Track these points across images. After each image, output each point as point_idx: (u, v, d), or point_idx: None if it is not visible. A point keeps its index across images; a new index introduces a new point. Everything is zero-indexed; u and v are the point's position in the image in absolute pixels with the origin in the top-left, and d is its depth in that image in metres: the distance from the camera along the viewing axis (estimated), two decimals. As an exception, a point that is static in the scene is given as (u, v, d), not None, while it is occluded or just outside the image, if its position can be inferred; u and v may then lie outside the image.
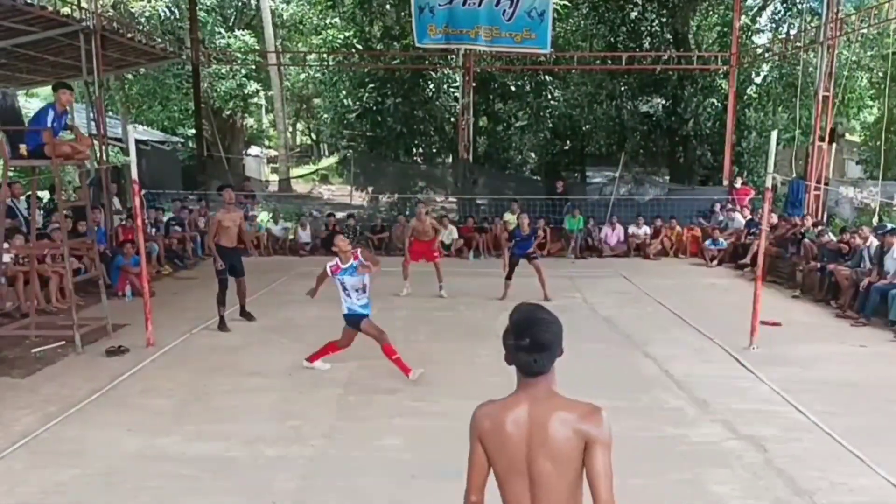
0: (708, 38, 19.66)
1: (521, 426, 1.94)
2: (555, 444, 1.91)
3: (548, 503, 1.95)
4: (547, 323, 2.00)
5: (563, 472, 1.93)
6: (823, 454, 4.68)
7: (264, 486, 4.18)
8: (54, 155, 6.81)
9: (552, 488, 1.94)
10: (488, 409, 2.02)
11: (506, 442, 1.96)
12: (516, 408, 1.96)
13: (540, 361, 1.95)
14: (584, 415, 1.95)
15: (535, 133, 19.81)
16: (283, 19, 26.05)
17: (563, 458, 1.92)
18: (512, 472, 1.97)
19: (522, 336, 1.94)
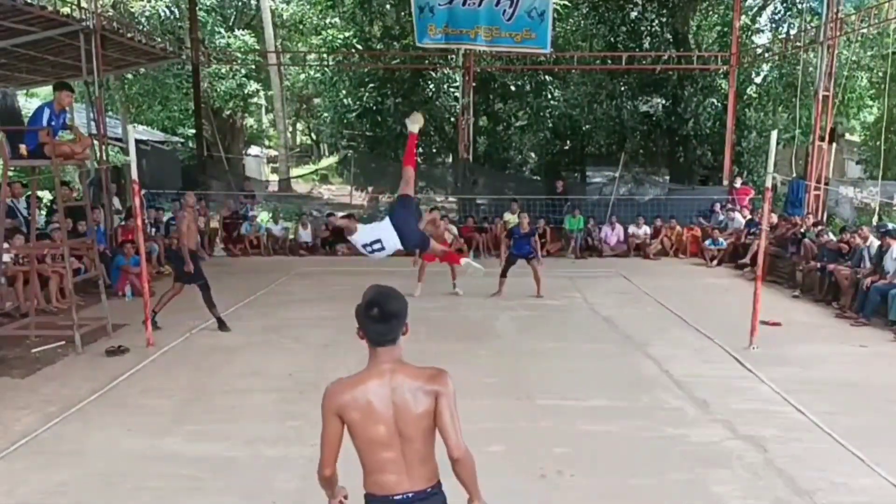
0: (708, 38, 19.66)
1: (384, 396, 2.21)
2: (415, 406, 2.21)
3: (412, 461, 2.25)
4: (394, 297, 2.29)
5: (422, 430, 2.24)
6: (823, 454, 4.68)
7: (264, 486, 4.18)
8: (54, 155, 6.81)
9: (415, 446, 2.24)
10: (344, 386, 2.25)
11: (370, 412, 2.20)
12: (376, 379, 2.23)
13: (389, 330, 2.25)
14: (433, 377, 2.27)
15: (535, 133, 19.81)
16: (283, 19, 26.03)
17: (422, 417, 2.22)
18: (377, 440, 2.22)
19: (372, 308, 2.23)
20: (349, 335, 7.32)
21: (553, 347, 7.30)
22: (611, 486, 4.24)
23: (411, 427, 2.23)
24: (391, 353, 2.29)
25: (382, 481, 2.28)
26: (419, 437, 2.25)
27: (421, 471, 2.29)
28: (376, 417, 2.21)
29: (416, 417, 2.23)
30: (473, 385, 6.05)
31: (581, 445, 4.80)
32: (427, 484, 2.31)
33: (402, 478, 2.27)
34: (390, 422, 2.22)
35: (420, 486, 2.29)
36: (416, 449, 2.26)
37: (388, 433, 2.23)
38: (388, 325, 2.26)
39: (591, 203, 15.33)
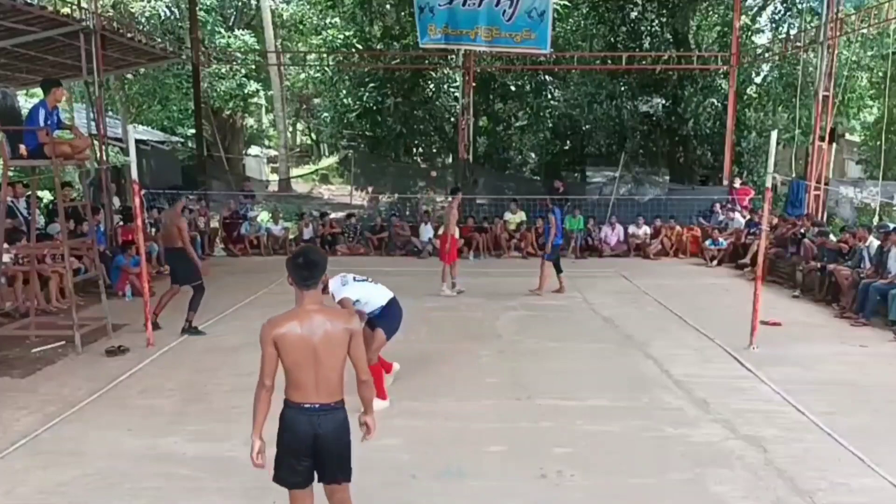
0: (708, 38, 19.65)
1: (309, 328, 2.88)
2: (333, 338, 2.90)
3: (327, 380, 2.93)
4: (315, 251, 3.06)
5: (337, 357, 2.94)
6: (824, 454, 4.68)
7: (264, 486, 4.16)
8: (54, 155, 6.81)
9: (326, 371, 2.92)
10: (278, 320, 2.90)
11: (297, 341, 2.86)
12: (304, 317, 2.90)
13: (311, 276, 2.92)
14: (347, 318, 3.04)
15: (535, 133, 19.80)
16: (283, 19, 26.03)
17: (337, 348, 2.93)
18: (300, 363, 2.89)
19: (298, 257, 2.94)
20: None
21: (553, 347, 7.30)
22: (611, 486, 4.24)
23: (326, 355, 2.89)
24: (315, 297, 2.95)
25: (298, 393, 2.94)
26: (331, 363, 2.92)
27: (328, 389, 2.94)
28: (300, 345, 2.86)
29: (331, 348, 2.90)
30: (473, 385, 6.06)
31: (581, 445, 4.80)
32: (331, 399, 2.96)
33: (312, 392, 2.93)
34: (310, 350, 2.87)
35: (325, 401, 2.95)
36: (327, 373, 2.92)
37: (307, 358, 2.88)
38: (310, 271, 2.92)
39: (591, 203, 15.32)
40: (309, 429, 2.94)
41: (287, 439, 2.99)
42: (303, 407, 2.94)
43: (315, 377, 2.92)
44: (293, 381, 2.94)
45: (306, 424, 2.94)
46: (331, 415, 2.96)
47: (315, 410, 2.94)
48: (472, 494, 4.13)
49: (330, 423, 2.96)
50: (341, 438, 3.02)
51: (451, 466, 4.44)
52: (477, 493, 4.14)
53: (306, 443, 2.95)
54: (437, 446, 4.77)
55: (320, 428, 2.94)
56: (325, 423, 2.95)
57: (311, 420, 2.94)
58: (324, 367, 2.91)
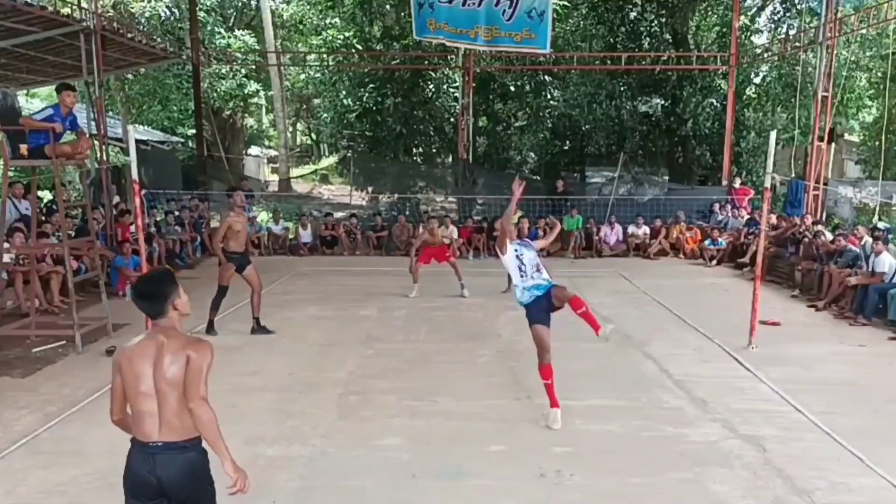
0: (707, 39, 19.67)
1: (148, 358, 2.61)
2: (171, 368, 2.58)
3: (168, 413, 2.58)
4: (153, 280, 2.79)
5: (177, 388, 2.58)
6: (823, 454, 4.69)
7: (264, 486, 4.18)
8: (54, 155, 6.82)
9: (170, 403, 2.58)
10: (124, 349, 2.70)
11: (136, 372, 2.61)
12: (145, 347, 2.64)
13: (150, 307, 2.71)
14: (191, 343, 2.65)
15: (535, 133, 19.83)
16: (283, 19, 26.04)
17: (176, 378, 2.58)
18: (139, 394, 2.61)
19: (134, 290, 2.87)
20: (349, 335, 7.33)
21: (553, 347, 7.27)
22: (610, 485, 4.25)
23: (166, 386, 2.58)
24: (162, 325, 2.71)
25: (142, 430, 2.62)
26: (174, 394, 2.58)
27: (174, 425, 2.59)
28: (139, 376, 2.60)
29: (171, 377, 2.58)
30: (473, 385, 6.07)
31: (581, 445, 4.81)
32: (179, 437, 2.60)
33: (155, 429, 2.59)
34: (149, 380, 2.60)
35: (171, 438, 2.59)
36: (171, 405, 2.59)
37: (147, 390, 2.60)
38: (147, 303, 2.73)
39: (590, 203, 15.34)
40: (149, 471, 2.57)
41: (129, 482, 2.64)
42: (141, 445, 2.60)
43: (156, 409, 2.58)
44: (136, 415, 2.64)
45: (143, 466, 2.58)
46: (175, 455, 2.58)
47: (155, 450, 2.57)
48: (472, 494, 4.14)
49: (175, 465, 2.58)
50: (191, 485, 2.61)
51: (451, 466, 4.45)
52: (477, 493, 4.15)
53: (149, 488, 2.59)
54: (437, 446, 4.78)
55: (163, 471, 2.56)
56: (169, 465, 2.57)
57: (152, 461, 2.57)
58: (166, 398, 2.57)
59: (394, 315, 8.78)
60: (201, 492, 2.67)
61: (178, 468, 2.58)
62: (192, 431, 2.61)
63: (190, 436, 2.62)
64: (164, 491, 2.60)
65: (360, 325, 8.25)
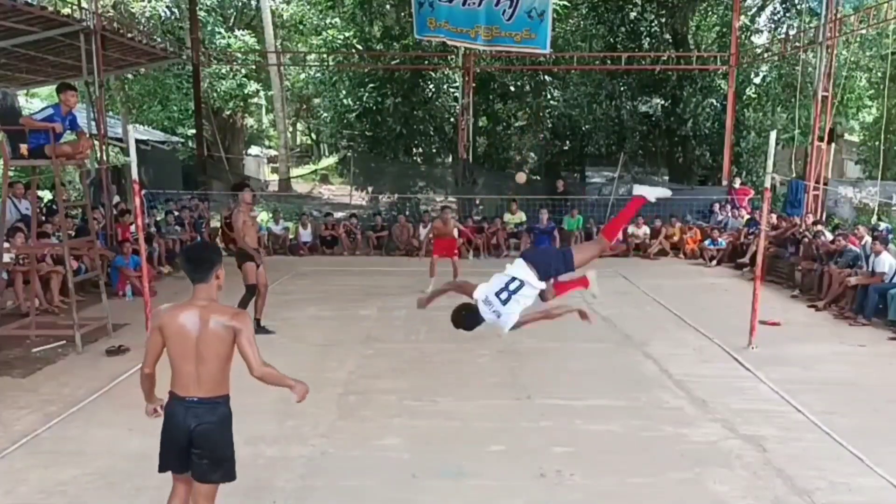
0: (707, 39, 19.67)
1: (193, 323, 2.94)
2: (214, 334, 2.93)
3: (203, 375, 2.97)
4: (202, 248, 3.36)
5: (217, 354, 2.96)
6: (823, 454, 4.69)
7: (264, 486, 4.19)
8: (54, 155, 6.82)
9: (208, 366, 2.96)
10: (167, 310, 3.01)
11: (178, 333, 2.94)
12: (189, 310, 2.98)
13: (195, 270, 3.02)
14: (234, 315, 3.00)
15: (535, 133, 19.84)
16: (283, 19, 26.04)
17: (219, 344, 2.95)
18: (181, 355, 2.96)
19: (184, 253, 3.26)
20: (349, 335, 7.32)
21: (553, 347, 7.30)
22: (610, 485, 4.25)
23: (206, 350, 2.94)
24: (205, 291, 3.02)
25: (180, 385, 3.00)
26: (213, 359, 2.95)
27: (210, 384, 2.98)
28: (181, 337, 2.94)
29: (212, 343, 2.94)
30: (473, 385, 6.07)
31: (581, 445, 4.81)
32: (212, 394, 3.00)
33: (192, 386, 2.98)
34: (190, 343, 2.94)
35: (207, 395, 3.00)
36: (209, 368, 2.96)
37: (187, 351, 2.94)
38: (193, 266, 3.03)
39: (590, 203, 15.34)
40: (186, 421, 3.01)
41: (166, 429, 3.09)
42: (179, 398, 3.02)
43: (196, 371, 2.98)
44: (176, 371, 3.01)
45: (184, 417, 3.01)
46: (208, 410, 3.02)
47: (193, 404, 3.00)
48: (472, 494, 4.14)
49: (208, 417, 3.02)
50: (218, 434, 3.06)
51: (451, 466, 4.45)
52: (477, 493, 4.15)
53: (183, 435, 3.02)
54: (437, 446, 4.78)
55: (197, 421, 3.00)
56: (203, 416, 3.01)
57: (189, 413, 3.00)
58: (204, 361, 2.97)
59: (394, 315, 8.78)
60: (225, 443, 3.10)
61: (210, 420, 3.01)
62: (224, 389, 3.06)
63: (222, 393, 3.05)
64: (192, 440, 3.00)
65: (360, 325, 8.25)
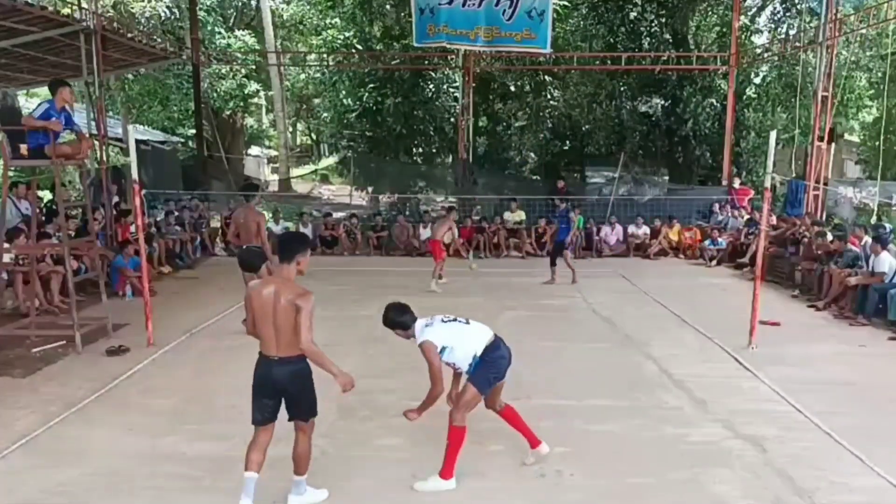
0: (707, 39, 19.66)
1: (270, 295, 3.64)
2: (285, 306, 3.59)
3: (281, 339, 3.64)
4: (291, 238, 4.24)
5: (287, 323, 3.60)
6: (823, 454, 4.69)
7: (264, 486, 4.18)
8: (54, 155, 6.81)
9: (283, 331, 3.62)
10: (256, 287, 3.75)
11: (261, 303, 3.66)
12: (270, 284, 3.72)
13: (282, 254, 3.78)
14: (300, 295, 3.61)
15: (535, 133, 19.82)
16: (283, 19, 26.05)
17: (287, 315, 3.60)
18: (261, 320, 3.68)
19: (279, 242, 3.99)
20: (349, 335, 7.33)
21: (553, 347, 7.30)
22: (610, 485, 4.25)
23: (280, 318, 3.61)
24: (285, 272, 3.74)
25: (263, 345, 3.72)
26: (285, 326, 3.61)
27: (287, 347, 3.64)
28: (263, 307, 3.65)
29: (283, 315, 3.60)
30: (473, 385, 6.05)
31: (581, 445, 4.81)
32: (288, 353, 3.65)
33: (272, 346, 3.66)
34: (268, 311, 3.63)
35: (283, 354, 3.65)
36: (284, 333, 3.62)
37: (265, 317, 3.65)
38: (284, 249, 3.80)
39: (590, 203, 15.34)
40: (268, 375, 3.68)
41: (255, 382, 3.75)
42: (265, 357, 3.71)
43: (274, 334, 3.63)
44: (261, 335, 3.70)
45: (266, 371, 3.69)
46: (287, 366, 3.66)
47: (274, 361, 3.66)
48: (472, 494, 4.14)
49: (285, 372, 3.66)
50: (296, 384, 3.69)
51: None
52: (477, 493, 4.15)
53: (267, 386, 3.70)
54: (438, 446, 4.77)
55: (277, 375, 3.66)
56: (281, 372, 3.66)
57: (270, 368, 3.67)
58: (280, 327, 3.61)
59: (394, 315, 8.77)
60: (305, 391, 3.76)
61: (289, 375, 3.67)
62: (299, 350, 3.63)
63: (297, 353, 3.65)
64: (277, 389, 3.70)
65: (360, 325, 8.24)
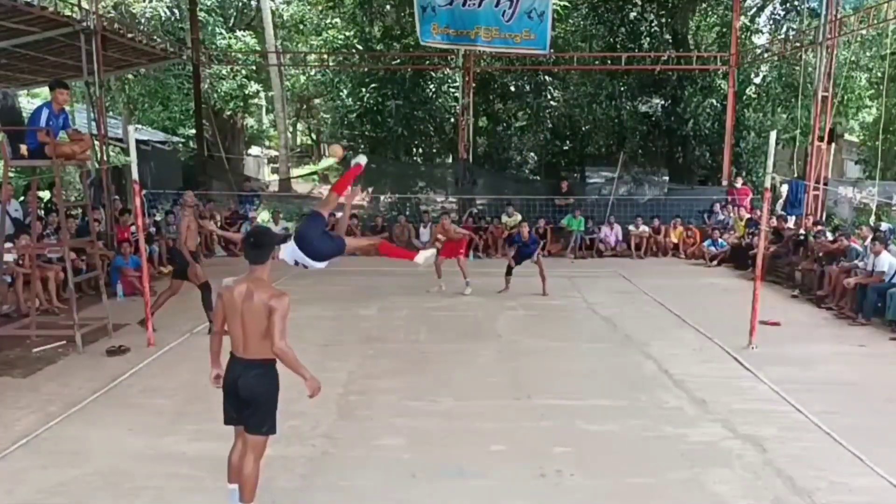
0: (707, 39, 19.66)
1: (240, 296, 3.51)
2: (255, 309, 3.47)
3: (249, 340, 3.52)
4: (264, 234, 3.76)
5: (258, 325, 3.48)
6: (823, 454, 4.69)
7: (264, 486, 4.18)
8: (55, 155, 6.81)
9: (252, 332, 3.51)
10: (228, 284, 3.60)
11: (232, 304, 3.53)
12: (242, 285, 3.55)
13: (257, 256, 3.57)
14: (273, 296, 3.49)
15: (535, 133, 19.81)
16: (283, 20, 26.02)
17: (258, 317, 3.47)
18: (231, 320, 3.56)
19: (249, 238, 3.68)
20: (349, 335, 7.33)
21: (553, 347, 7.31)
22: (610, 485, 4.25)
23: (249, 319, 3.50)
24: (258, 272, 3.58)
25: (234, 346, 3.60)
26: (255, 328, 3.49)
27: (255, 348, 3.52)
28: (234, 307, 3.53)
29: (254, 316, 3.48)
30: (473, 385, 6.07)
31: (581, 445, 4.81)
32: (255, 357, 3.53)
33: (240, 347, 3.56)
34: (238, 312, 3.51)
35: (250, 357, 3.54)
36: (253, 334, 3.50)
37: (235, 317, 3.54)
38: (255, 252, 3.57)
39: (590, 203, 15.35)
40: (233, 375, 3.58)
41: (224, 381, 3.66)
42: (233, 356, 3.62)
43: (242, 335, 3.54)
44: (231, 334, 3.60)
45: (232, 371, 3.60)
46: (251, 368, 3.54)
47: (239, 362, 3.57)
48: (472, 494, 4.15)
49: (250, 375, 3.54)
50: (256, 389, 3.55)
51: (451, 466, 4.46)
52: (477, 493, 4.15)
53: (231, 386, 3.59)
54: (438, 446, 4.78)
55: (240, 378, 3.55)
56: (245, 374, 3.54)
57: (235, 369, 3.58)
58: (249, 328, 3.51)
59: (394, 315, 8.79)
60: (264, 400, 3.58)
61: (252, 378, 3.53)
62: (267, 354, 3.52)
63: (264, 357, 3.53)
64: (238, 393, 3.54)
65: (360, 325, 8.25)
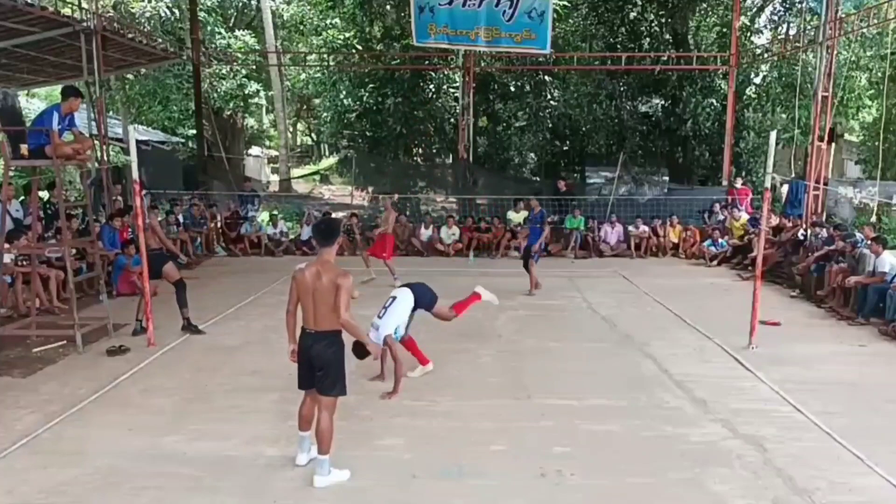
0: (707, 39, 19.66)
1: (312, 276, 4.12)
2: (324, 287, 4.08)
3: (319, 315, 4.12)
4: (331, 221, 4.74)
5: (327, 301, 4.08)
6: (823, 454, 4.70)
7: (264, 486, 4.19)
8: (55, 155, 6.82)
9: (322, 308, 4.10)
10: (302, 267, 4.21)
11: (304, 283, 4.14)
12: (312, 267, 4.15)
13: (322, 239, 4.24)
14: (338, 274, 4.08)
15: (535, 133, 19.81)
16: (283, 20, 26.02)
17: (326, 294, 4.07)
18: (303, 297, 4.16)
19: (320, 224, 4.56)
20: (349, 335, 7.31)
21: (553, 347, 7.31)
22: (610, 485, 4.25)
23: (319, 296, 4.09)
24: (326, 255, 4.18)
25: (305, 320, 4.18)
26: (324, 303, 4.08)
27: (324, 322, 4.12)
28: (306, 287, 4.13)
29: (323, 293, 4.07)
30: (473, 385, 6.07)
31: (581, 445, 4.81)
32: (324, 328, 4.14)
33: (311, 321, 4.15)
34: (309, 289, 4.11)
35: (319, 329, 4.14)
36: (322, 310, 4.10)
37: (307, 295, 4.13)
38: (325, 238, 4.22)
39: (590, 203, 15.35)
40: (305, 346, 4.17)
41: (299, 351, 4.23)
42: (305, 330, 4.19)
43: (313, 310, 4.11)
44: (303, 310, 4.17)
45: (304, 343, 4.18)
46: (321, 339, 4.13)
47: (311, 334, 4.15)
48: (473, 494, 4.15)
49: (320, 344, 4.12)
50: (326, 356, 4.12)
51: (451, 466, 4.46)
52: (477, 493, 4.16)
53: (305, 355, 4.18)
54: (438, 446, 4.78)
55: (312, 348, 4.14)
56: (317, 344, 4.13)
57: (308, 340, 4.16)
58: (319, 304, 4.08)
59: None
60: (333, 365, 4.16)
61: (322, 346, 4.13)
62: (335, 325, 4.12)
63: (332, 328, 4.13)
64: (311, 360, 4.16)
65: (360, 325, 8.24)
